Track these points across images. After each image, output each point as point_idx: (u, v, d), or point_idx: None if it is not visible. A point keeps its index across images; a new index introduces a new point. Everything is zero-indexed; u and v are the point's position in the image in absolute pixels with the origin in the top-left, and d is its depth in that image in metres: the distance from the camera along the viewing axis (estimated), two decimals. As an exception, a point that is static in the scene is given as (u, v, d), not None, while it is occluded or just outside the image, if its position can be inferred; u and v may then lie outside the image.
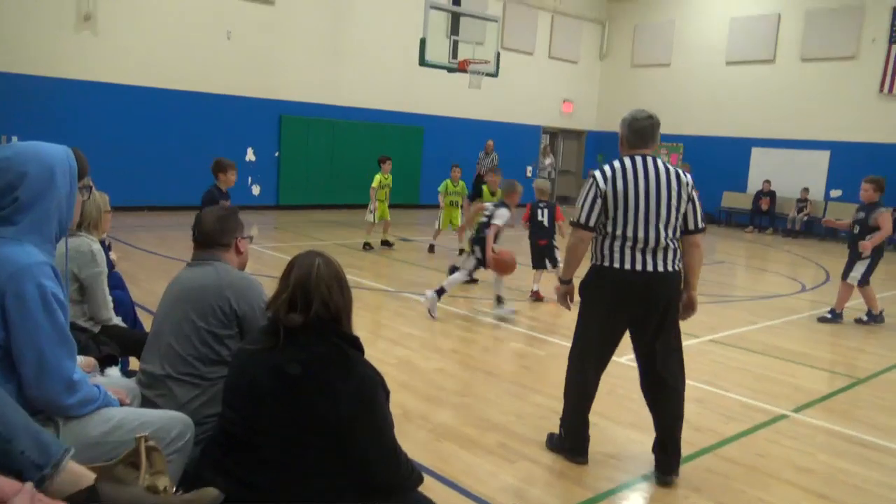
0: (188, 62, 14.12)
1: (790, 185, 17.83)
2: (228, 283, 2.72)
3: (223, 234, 2.87)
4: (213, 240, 2.85)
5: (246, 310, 2.70)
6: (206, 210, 2.97)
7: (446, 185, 11.31)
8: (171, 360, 2.66)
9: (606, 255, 3.60)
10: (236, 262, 2.91)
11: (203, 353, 2.66)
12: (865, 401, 5.34)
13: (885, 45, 16.44)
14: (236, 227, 2.92)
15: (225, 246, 2.86)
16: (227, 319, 2.68)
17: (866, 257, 7.80)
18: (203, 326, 2.66)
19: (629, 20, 21.45)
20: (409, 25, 15.76)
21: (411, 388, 4.93)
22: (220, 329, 2.67)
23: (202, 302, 2.68)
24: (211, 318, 2.66)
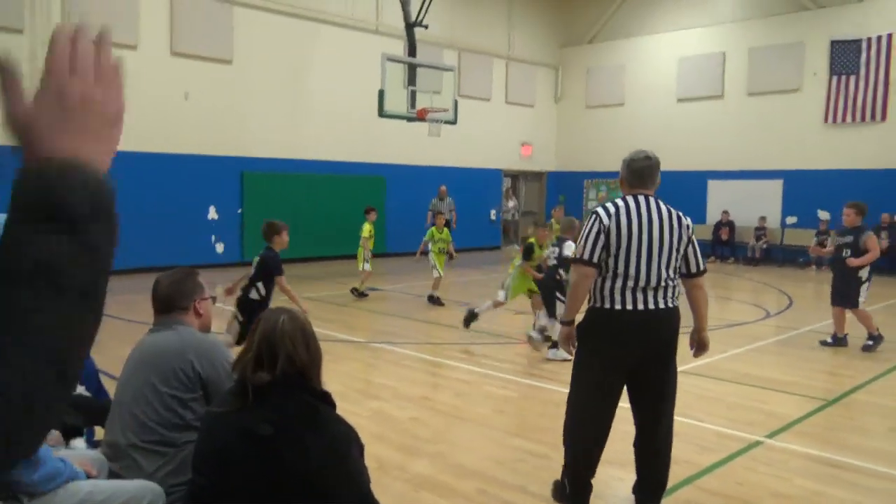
0: (145, 123, 14.08)
1: (747, 215, 18.28)
2: (191, 346, 2.69)
3: (180, 297, 2.84)
4: (170, 304, 2.82)
5: (210, 372, 2.66)
6: (162, 274, 2.95)
7: (432, 234, 11.40)
8: (134, 428, 2.59)
9: (607, 296, 3.53)
10: (197, 325, 2.88)
11: (167, 418, 2.60)
12: (837, 423, 5.41)
13: (826, 78, 17.13)
14: (193, 289, 2.90)
15: (183, 309, 2.84)
16: (191, 383, 2.63)
17: (866, 280, 7.89)
18: (166, 391, 2.60)
19: (581, 64, 22.05)
20: (367, 77, 15.98)
21: (386, 439, 4.87)
22: (184, 393, 2.63)
23: (164, 366, 2.64)
24: (174, 381, 2.62)
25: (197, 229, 14.93)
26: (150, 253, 13.78)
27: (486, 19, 20.34)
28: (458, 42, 19.34)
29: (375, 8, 17.54)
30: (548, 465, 4.40)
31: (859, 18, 16.66)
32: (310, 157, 16.66)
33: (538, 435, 4.99)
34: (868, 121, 16.59)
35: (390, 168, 18.11)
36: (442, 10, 17.69)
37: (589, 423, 3.65)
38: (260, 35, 15.56)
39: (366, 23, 17.35)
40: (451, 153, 19.16)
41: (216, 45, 14.91)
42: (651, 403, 3.63)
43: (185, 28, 14.44)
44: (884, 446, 4.90)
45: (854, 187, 16.56)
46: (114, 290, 4.09)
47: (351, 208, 17.33)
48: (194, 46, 14.62)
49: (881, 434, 5.19)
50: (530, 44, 21.61)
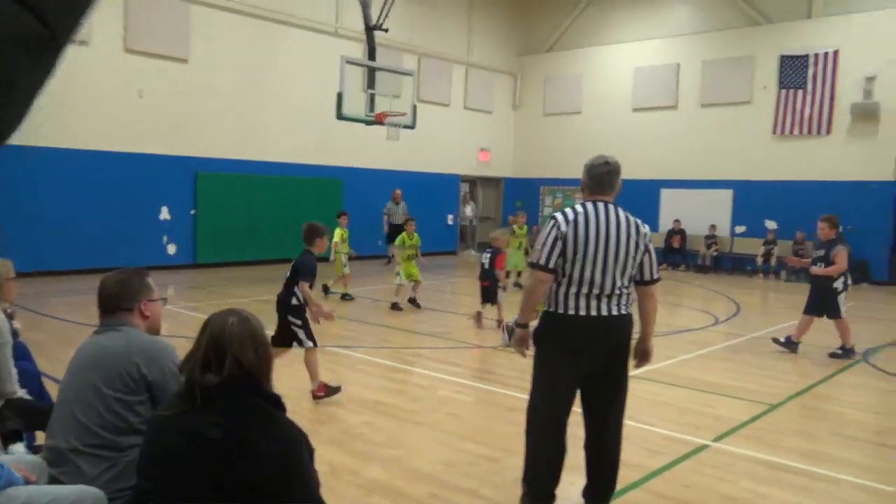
0: (98, 121, 13.76)
1: (698, 224, 18.69)
2: (137, 348, 2.63)
3: (125, 298, 2.77)
4: (114, 304, 2.76)
5: (156, 375, 2.61)
6: (108, 274, 2.87)
7: (402, 239, 11.34)
8: (76, 432, 2.53)
9: (561, 301, 3.57)
10: (144, 327, 2.81)
11: (110, 421, 2.54)
12: (780, 426, 5.56)
13: (775, 91, 17.65)
14: (140, 289, 2.82)
15: (128, 310, 2.77)
16: (136, 385, 2.58)
17: (842, 291, 8.07)
18: (110, 394, 2.54)
19: (540, 72, 22.29)
20: (326, 80, 15.89)
21: (339, 443, 4.84)
22: (129, 395, 2.57)
23: (108, 368, 2.58)
24: (118, 384, 2.56)
25: (148, 230, 14.63)
26: (99, 254, 13.45)
27: (447, 25, 20.42)
28: (417, 47, 19.37)
29: (335, 10, 17.47)
30: (500, 469, 4.43)
31: (807, 35, 17.22)
32: (266, 159, 16.49)
33: (491, 439, 5.02)
34: (814, 134, 17.14)
35: (348, 171, 18.02)
36: (402, 14, 17.69)
37: (547, 427, 3.69)
38: (218, 34, 15.35)
39: (325, 25, 17.26)
40: (409, 157, 19.16)
41: (172, 43, 14.65)
42: (601, 407, 3.68)
43: (140, 25, 14.15)
44: (825, 449, 5.06)
45: (800, 198, 17.12)
46: (58, 292, 4.04)
47: (308, 211, 17.20)
48: (149, 44, 14.34)
49: (823, 437, 5.36)
50: (489, 51, 21.76)
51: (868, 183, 16.34)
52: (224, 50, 15.48)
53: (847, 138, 16.74)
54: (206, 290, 12.37)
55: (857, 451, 5.08)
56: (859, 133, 16.54)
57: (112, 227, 13.94)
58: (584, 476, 3.82)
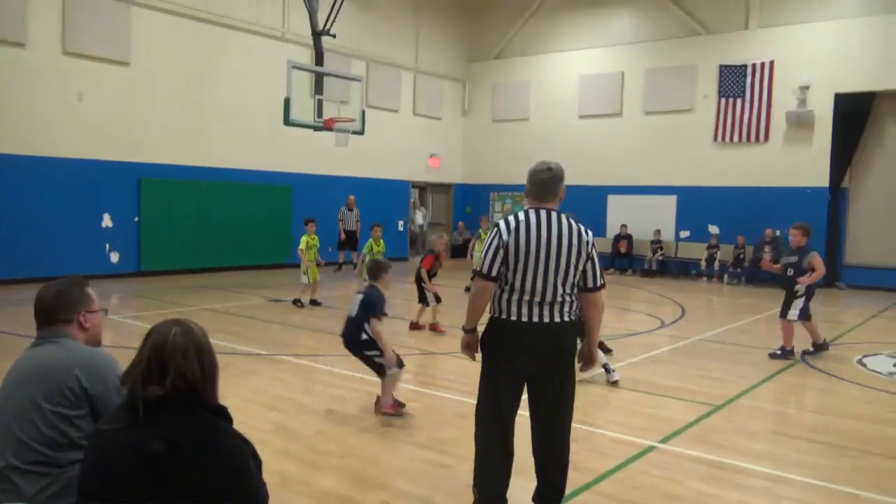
0: (35, 125, 13.31)
1: (644, 229, 19.09)
2: (77, 361, 2.55)
3: (63, 309, 2.68)
4: (52, 316, 2.66)
5: (99, 389, 2.53)
6: (45, 284, 2.78)
7: (370, 246, 11.64)
8: (13, 448, 2.43)
9: (504, 308, 3.60)
10: (83, 339, 2.72)
11: (50, 436, 2.45)
12: (724, 426, 5.71)
13: (716, 100, 18.17)
14: (78, 300, 2.73)
15: (66, 322, 2.68)
16: (77, 399, 2.50)
17: (801, 295, 8.33)
18: (48, 408, 2.46)
19: (488, 79, 22.48)
20: (273, 85, 15.71)
21: (289, 453, 4.77)
22: (69, 410, 2.49)
23: (47, 382, 2.49)
24: (58, 398, 2.47)
25: (90, 238, 14.20)
26: (39, 262, 13.01)
27: (395, 31, 20.42)
28: (366, 53, 19.32)
29: (282, 14, 17.30)
30: (452, 475, 4.44)
31: (745, 45, 17.79)
32: (213, 164, 16.19)
33: (442, 446, 5.02)
34: (753, 141, 17.70)
35: (297, 177, 17.85)
36: (350, 20, 17.62)
37: (492, 430, 3.71)
38: (161, 37, 15.03)
39: (272, 29, 17.07)
40: (359, 163, 19.08)
41: (112, 45, 14.28)
42: (547, 411, 3.72)
43: (79, 26, 13.76)
44: (766, 448, 5.21)
45: (741, 204, 17.65)
46: (-2, 302, 3.74)
47: (257, 217, 16.99)
48: (88, 46, 13.95)
49: (764, 436, 5.52)
50: (438, 57, 21.84)
51: (804, 188, 16.94)
52: (167, 53, 15.17)
53: (783, 145, 17.34)
54: (150, 299, 12.07)
55: (797, 449, 5.25)
56: (795, 140, 17.15)
57: (52, 236, 13.48)
58: (534, 480, 3.84)
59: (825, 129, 16.72)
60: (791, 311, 8.38)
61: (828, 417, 6.15)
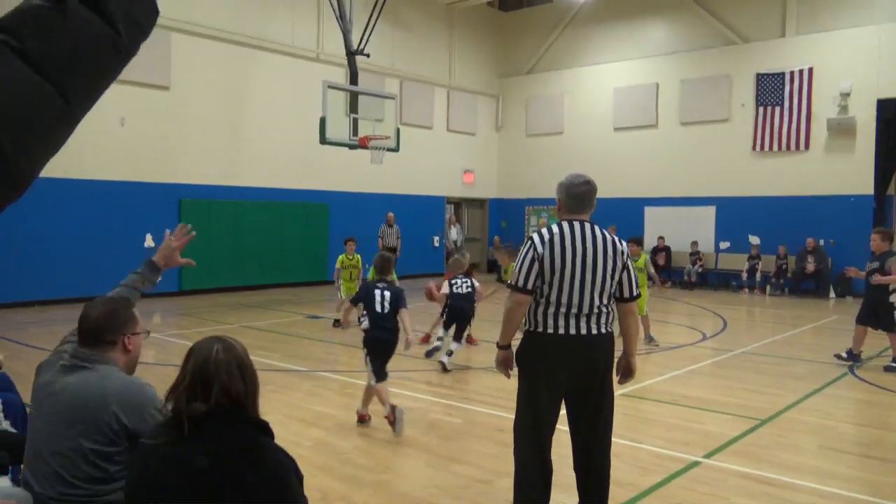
0: (80, 149, 13.69)
1: (682, 240, 18.82)
2: (114, 395, 2.51)
3: (109, 330, 2.65)
4: (97, 337, 2.63)
5: (138, 423, 2.49)
6: (92, 302, 2.74)
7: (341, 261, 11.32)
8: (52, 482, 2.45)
9: (540, 321, 3.57)
10: (123, 362, 2.70)
11: (90, 473, 2.46)
12: (770, 441, 5.57)
13: (753, 109, 17.90)
14: (125, 322, 2.71)
15: (110, 343, 2.65)
16: (116, 436, 2.48)
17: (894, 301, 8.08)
18: (87, 446, 2.45)
19: (521, 94, 22.50)
20: (308, 104, 15.94)
21: (329, 469, 4.79)
22: (107, 447, 2.48)
23: (85, 419, 2.47)
24: (96, 435, 2.46)
25: (133, 258, 14.41)
26: (83, 283, 13.32)
27: (428, 49, 20.59)
28: (399, 71, 19.51)
29: (317, 36, 17.57)
30: (491, 492, 4.40)
31: (782, 53, 17.52)
32: (251, 184, 16.46)
33: (481, 461, 4.99)
34: (793, 150, 17.37)
35: (333, 195, 18.03)
36: (383, 38, 17.83)
37: (531, 445, 3.67)
38: (199, 61, 15.38)
39: (307, 50, 17.35)
40: (394, 180, 19.21)
41: (153, 71, 14.64)
42: (587, 425, 3.68)
43: (121, 53, 14.13)
44: (814, 462, 5.07)
45: (782, 213, 17.32)
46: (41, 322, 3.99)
47: (294, 235, 17.19)
48: (130, 72, 14.25)
49: (811, 451, 5.38)
50: (471, 73, 21.95)
51: (847, 197, 16.56)
52: (206, 77, 15.51)
53: (825, 153, 16.98)
54: (192, 318, 12.27)
55: (844, 463, 5.10)
56: (837, 148, 16.79)
57: (95, 256, 13.82)
58: (576, 496, 3.80)
59: (868, 135, 16.34)
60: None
61: (879, 431, 5.97)
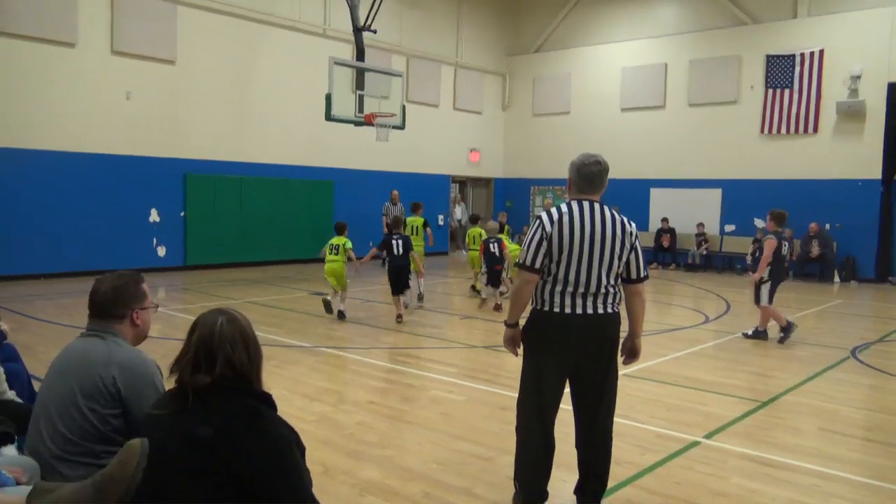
0: (85, 123, 13.69)
1: (688, 223, 18.76)
2: (118, 361, 2.58)
3: (120, 304, 2.70)
4: (107, 310, 2.69)
5: (130, 393, 2.56)
6: (103, 276, 2.79)
7: None
8: (57, 440, 2.52)
9: (548, 299, 3.57)
10: (131, 336, 2.76)
11: (85, 429, 2.53)
12: (770, 423, 5.59)
13: (762, 91, 17.75)
14: (135, 296, 2.75)
15: (119, 317, 2.71)
16: (111, 398, 2.54)
17: (766, 281, 8.77)
18: (84, 403, 2.52)
19: (528, 73, 22.34)
20: (315, 81, 15.88)
21: (332, 443, 4.83)
22: (103, 407, 2.54)
23: (86, 377, 2.54)
24: (94, 393, 2.53)
25: (138, 232, 14.56)
26: (89, 256, 13.40)
27: (435, 26, 20.43)
28: (406, 48, 19.37)
29: (324, 11, 17.44)
30: (493, 468, 4.44)
31: (793, 34, 17.33)
32: (256, 160, 16.44)
33: (484, 438, 5.03)
34: (801, 133, 17.25)
35: (338, 172, 18.00)
36: (391, 15, 17.70)
37: (533, 422, 3.69)
38: (205, 36, 15.30)
39: (314, 26, 17.23)
40: (399, 158, 19.16)
41: (159, 44, 14.59)
42: (590, 404, 3.70)
43: (127, 26, 14.08)
44: (814, 444, 5.09)
45: (789, 197, 17.21)
46: (47, 294, 4.04)
47: (298, 212, 17.20)
48: (136, 46, 14.27)
49: (812, 433, 5.39)
50: (478, 51, 21.79)
51: (855, 181, 16.47)
52: (212, 51, 15.43)
53: (834, 137, 16.86)
54: (197, 292, 12.32)
55: (845, 446, 5.12)
56: (846, 131, 16.66)
57: (101, 230, 13.86)
58: (576, 473, 3.83)
59: (878, 119, 16.20)
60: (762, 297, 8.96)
61: (880, 415, 5.98)
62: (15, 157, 12.82)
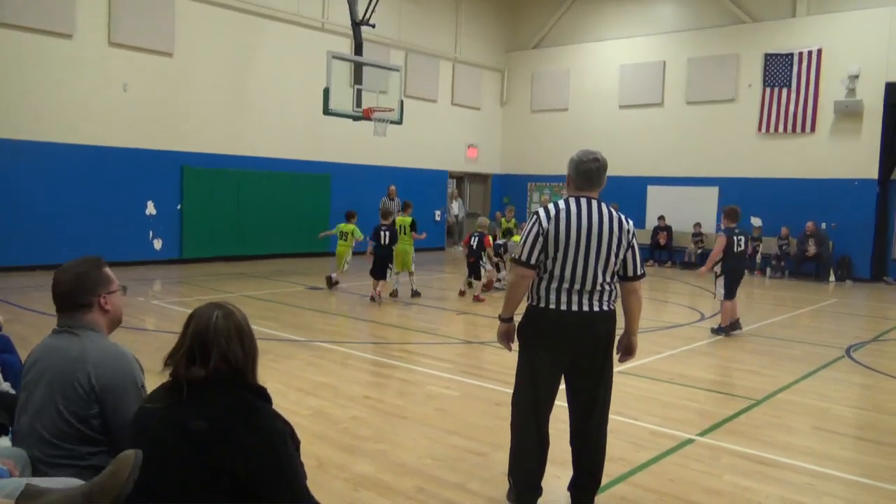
0: (82, 115, 13.63)
1: (684, 221, 18.79)
2: (92, 359, 2.49)
3: (82, 293, 2.59)
4: (71, 301, 2.58)
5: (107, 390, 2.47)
6: (61, 267, 2.65)
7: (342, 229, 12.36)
8: (39, 444, 2.49)
9: (542, 296, 3.57)
10: (104, 322, 2.65)
11: (66, 431, 2.48)
12: (764, 421, 5.61)
13: (760, 90, 17.76)
14: (97, 282, 2.62)
15: (86, 306, 2.59)
16: (88, 398, 2.48)
17: (719, 276, 9.19)
18: (63, 406, 2.47)
19: (527, 69, 22.31)
20: (313, 75, 15.84)
21: (326, 438, 4.84)
22: (81, 410, 2.48)
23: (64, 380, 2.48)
24: (72, 395, 2.47)
25: (134, 225, 14.52)
26: (85, 248, 13.31)
27: (434, 21, 20.39)
28: (405, 42, 19.33)
29: (322, 5, 17.39)
30: (487, 464, 4.45)
31: (791, 33, 17.33)
32: (253, 154, 16.40)
33: (478, 434, 5.03)
34: (799, 132, 17.26)
35: (336, 166, 17.98)
36: (389, 10, 17.65)
37: (528, 419, 3.70)
38: (203, 28, 15.25)
39: (312, 20, 17.19)
40: (397, 153, 19.14)
41: (157, 36, 14.54)
42: (585, 401, 3.70)
43: (124, 18, 14.03)
44: (808, 443, 5.11)
45: (785, 196, 17.27)
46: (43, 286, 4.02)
47: (295, 206, 17.17)
48: (134, 37, 14.22)
49: (805, 432, 5.41)
50: (477, 47, 21.75)
51: (852, 180, 16.49)
52: (210, 44, 15.38)
53: (831, 136, 16.88)
54: (192, 286, 12.31)
55: (838, 445, 5.14)
56: (843, 131, 16.69)
57: (97, 222, 13.83)
58: (570, 470, 3.84)
59: (875, 119, 16.22)
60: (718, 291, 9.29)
61: (874, 414, 6.00)
62: (11, 148, 12.78)
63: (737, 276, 9.24)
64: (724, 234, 9.15)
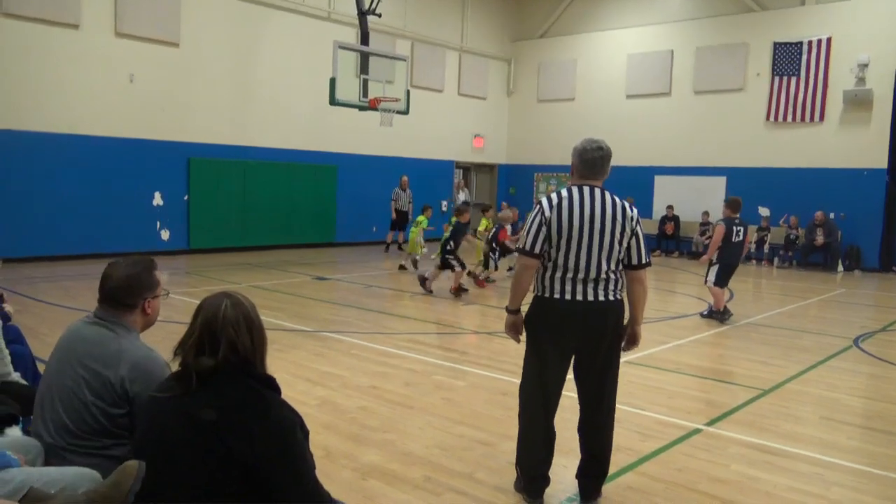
0: (88, 106, 13.65)
1: (692, 210, 18.72)
2: (128, 361, 2.53)
3: (133, 294, 2.64)
4: (117, 299, 2.62)
5: (138, 391, 2.50)
6: (117, 262, 2.69)
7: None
8: (63, 431, 2.50)
9: (548, 286, 3.57)
10: (141, 324, 2.72)
11: (91, 424, 2.51)
12: (772, 411, 5.60)
13: (769, 79, 17.63)
14: (149, 286, 2.70)
15: (130, 306, 2.65)
16: (119, 399, 2.51)
17: (714, 264, 9.29)
18: (92, 401, 2.49)
19: (533, 59, 22.21)
20: (319, 65, 15.80)
21: (334, 427, 4.85)
22: (110, 407, 2.51)
23: (96, 373, 2.50)
24: (103, 393, 2.50)
25: (141, 216, 14.56)
26: (92, 239, 13.41)
27: (440, 11, 20.30)
28: (411, 32, 19.26)
29: (328, -5, 17.34)
30: (495, 453, 4.45)
31: (800, 21, 17.19)
32: (260, 144, 16.41)
33: (485, 423, 5.04)
34: (807, 121, 17.15)
35: (342, 157, 17.97)
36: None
37: (536, 408, 3.70)
38: (209, 18, 15.23)
39: (318, 9, 17.14)
40: (402, 143, 19.11)
41: (163, 26, 14.52)
42: (592, 390, 3.71)
43: (131, 8, 14.01)
44: (815, 433, 5.10)
45: (794, 185, 17.18)
46: (50, 277, 4.04)
47: (302, 197, 17.19)
48: (140, 27, 14.21)
49: (813, 422, 5.40)
50: (483, 36, 21.66)
51: (861, 170, 16.39)
52: (216, 34, 15.36)
53: (840, 125, 16.77)
54: (200, 276, 12.34)
55: (846, 435, 5.13)
56: (852, 120, 16.57)
57: (104, 213, 13.87)
58: (577, 459, 3.84)
59: (885, 108, 16.09)
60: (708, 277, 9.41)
61: (882, 404, 5.98)
62: (18, 139, 12.80)
63: (732, 264, 9.36)
64: (724, 223, 9.23)
